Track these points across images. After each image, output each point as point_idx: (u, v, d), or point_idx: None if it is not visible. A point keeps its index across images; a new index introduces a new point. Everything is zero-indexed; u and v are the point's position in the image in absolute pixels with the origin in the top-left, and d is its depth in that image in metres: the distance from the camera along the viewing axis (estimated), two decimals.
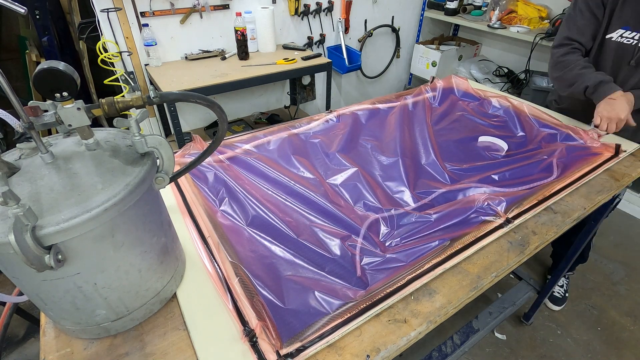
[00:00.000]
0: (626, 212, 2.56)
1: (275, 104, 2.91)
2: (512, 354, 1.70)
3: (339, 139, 1.26)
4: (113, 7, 1.94)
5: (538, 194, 1.00)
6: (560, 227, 0.92)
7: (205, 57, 2.28)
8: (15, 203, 0.45)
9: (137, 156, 0.60)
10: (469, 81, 1.67)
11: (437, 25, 3.43)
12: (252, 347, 0.63)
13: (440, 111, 1.48)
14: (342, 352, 0.64)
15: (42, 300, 0.58)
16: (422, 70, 3.28)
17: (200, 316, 0.69)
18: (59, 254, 0.50)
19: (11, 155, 0.58)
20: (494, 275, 0.79)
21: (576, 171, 1.09)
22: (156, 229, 0.64)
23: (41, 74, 0.50)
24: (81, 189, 0.52)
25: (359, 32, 3.00)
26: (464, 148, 1.28)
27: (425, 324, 0.69)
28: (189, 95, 0.59)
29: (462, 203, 0.96)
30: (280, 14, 2.52)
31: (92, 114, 0.56)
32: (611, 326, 1.82)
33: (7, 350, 1.69)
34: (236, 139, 1.23)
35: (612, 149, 1.18)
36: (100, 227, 0.52)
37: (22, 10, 0.60)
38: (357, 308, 0.69)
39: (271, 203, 0.97)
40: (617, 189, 1.06)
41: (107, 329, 0.64)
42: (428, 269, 0.78)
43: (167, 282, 0.69)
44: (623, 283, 2.05)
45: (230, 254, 0.79)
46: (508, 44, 3.11)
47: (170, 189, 1.00)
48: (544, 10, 2.67)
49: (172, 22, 2.16)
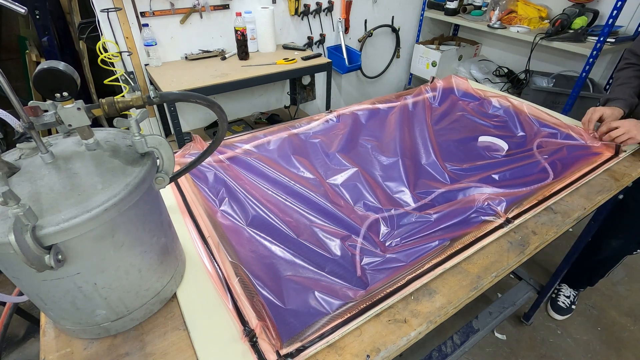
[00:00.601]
0: None
1: (275, 104, 2.91)
2: (512, 354, 1.70)
3: (339, 139, 1.26)
4: (113, 7, 1.94)
5: (538, 194, 1.00)
6: (560, 227, 0.92)
7: (205, 57, 2.28)
8: (15, 203, 0.45)
9: (137, 156, 0.60)
10: (469, 81, 1.67)
11: (437, 25, 3.43)
12: (252, 347, 0.62)
13: (440, 111, 1.48)
14: (342, 352, 0.64)
15: (42, 300, 0.58)
16: (422, 70, 3.28)
17: (200, 316, 0.69)
18: (59, 254, 0.50)
19: (11, 155, 0.58)
20: (494, 275, 0.79)
21: (576, 171, 1.09)
22: (156, 229, 0.64)
23: (41, 74, 0.50)
24: (81, 189, 0.52)
25: (359, 32, 3.00)
26: (464, 148, 1.28)
27: (425, 324, 0.69)
28: (189, 95, 0.59)
29: (462, 203, 0.96)
30: (280, 14, 2.52)
31: (92, 114, 0.56)
32: (611, 326, 1.82)
33: (7, 350, 1.69)
34: (236, 139, 1.23)
35: (612, 149, 1.18)
36: (100, 227, 0.52)
37: (22, 10, 0.60)
38: (357, 308, 0.69)
39: (271, 203, 0.97)
40: (617, 189, 1.05)
41: (107, 329, 0.64)
42: (428, 269, 0.78)
43: (167, 282, 0.69)
44: (623, 283, 2.05)
45: (230, 254, 0.79)
46: (508, 44, 3.11)
47: (170, 189, 1.00)
48: (544, 10, 2.67)
49: (172, 22, 2.16)
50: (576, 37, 2.27)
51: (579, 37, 2.27)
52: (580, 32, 2.27)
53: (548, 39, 2.35)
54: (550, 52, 2.72)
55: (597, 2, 2.44)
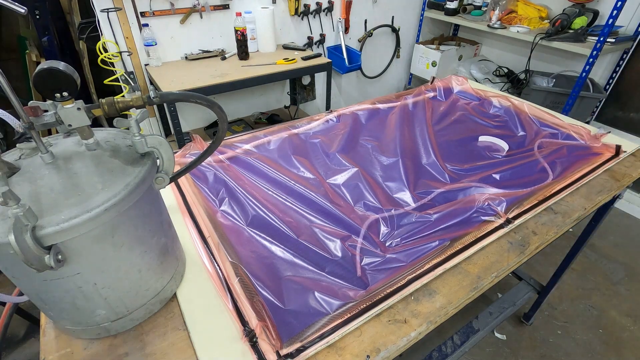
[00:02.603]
0: (626, 212, 2.56)
1: (275, 104, 2.91)
2: (512, 354, 1.70)
3: (339, 139, 1.26)
4: (113, 7, 1.94)
5: (538, 194, 0.99)
6: (560, 228, 0.92)
7: (205, 57, 2.28)
8: (15, 203, 0.45)
9: (137, 156, 0.60)
10: (469, 81, 1.67)
11: (437, 25, 3.42)
12: (252, 347, 0.62)
13: (440, 111, 1.48)
14: (342, 352, 0.64)
15: (42, 300, 0.58)
16: (422, 70, 3.28)
17: (200, 316, 0.69)
18: (59, 254, 0.49)
19: (11, 155, 0.58)
20: (494, 275, 0.79)
21: (576, 171, 1.09)
22: (156, 229, 0.64)
23: (41, 74, 0.50)
24: (81, 189, 0.52)
25: (359, 32, 3.00)
26: (465, 148, 1.28)
27: (425, 324, 0.69)
28: (189, 95, 0.59)
29: (462, 203, 0.96)
30: (280, 14, 2.52)
31: (92, 114, 0.56)
32: (611, 326, 1.82)
33: (7, 350, 1.69)
34: (236, 139, 1.23)
35: (613, 149, 1.18)
36: (100, 227, 0.52)
37: (22, 10, 0.60)
38: (357, 308, 0.69)
39: (271, 203, 0.97)
40: (618, 189, 1.05)
41: (107, 329, 0.64)
42: (428, 269, 0.78)
43: (167, 282, 0.69)
44: (623, 283, 2.05)
45: (230, 254, 0.79)
46: (508, 44, 3.10)
47: (170, 189, 1.00)
48: (544, 10, 2.67)
49: (172, 22, 2.16)
50: (576, 37, 2.27)
51: (579, 37, 2.27)
52: (580, 32, 2.27)
53: (548, 39, 2.34)
54: (550, 52, 2.72)
55: (597, 2, 2.44)
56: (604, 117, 2.64)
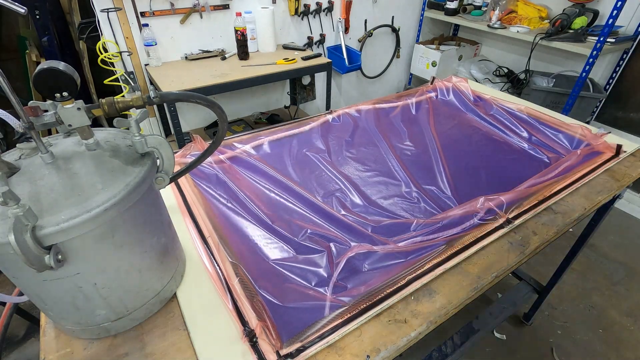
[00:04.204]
0: (626, 212, 2.56)
1: (275, 104, 2.91)
2: (512, 354, 1.70)
3: (340, 139, 1.26)
4: (113, 7, 1.94)
5: (538, 194, 0.99)
6: (560, 228, 0.91)
7: (205, 57, 2.28)
8: (15, 203, 0.45)
9: (137, 156, 0.60)
10: (469, 81, 1.67)
11: (437, 25, 3.42)
12: (252, 347, 0.62)
13: (440, 112, 1.48)
14: (342, 352, 0.64)
15: (42, 300, 0.58)
16: (422, 70, 3.28)
17: (200, 316, 0.69)
18: (59, 254, 0.49)
19: (11, 155, 0.58)
20: (494, 275, 0.79)
21: (576, 171, 1.09)
22: (156, 229, 0.64)
23: (41, 74, 0.50)
24: (81, 189, 0.52)
25: (359, 32, 3.00)
26: (465, 148, 1.28)
27: (425, 325, 0.69)
28: (189, 95, 0.59)
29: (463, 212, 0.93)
30: (280, 14, 2.52)
31: (92, 114, 0.56)
32: (611, 326, 1.82)
33: (7, 350, 1.69)
34: (236, 139, 1.23)
35: (613, 149, 1.17)
36: (100, 227, 0.52)
37: (22, 10, 0.60)
38: (357, 308, 0.69)
39: (271, 203, 0.97)
40: (618, 189, 1.05)
41: (107, 329, 0.64)
42: (428, 269, 0.78)
43: (167, 282, 0.69)
44: (623, 283, 2.05)
45: (230, 254, 0.79)
46: (508, 44, 3.10)
47: (170, 189, 1.00)
48: (544, 10, 2.67)
49: (172, 22, 2.16)
50: (576, 37, 2.27)
51: (579, 37, 2.27)
52: (580, 32, 2.27)
53: (548, 39, 2.34)
54: (550, 52, 2.72)
55: (597, 2, 2.44)
56: (604, 117, 2.64)
